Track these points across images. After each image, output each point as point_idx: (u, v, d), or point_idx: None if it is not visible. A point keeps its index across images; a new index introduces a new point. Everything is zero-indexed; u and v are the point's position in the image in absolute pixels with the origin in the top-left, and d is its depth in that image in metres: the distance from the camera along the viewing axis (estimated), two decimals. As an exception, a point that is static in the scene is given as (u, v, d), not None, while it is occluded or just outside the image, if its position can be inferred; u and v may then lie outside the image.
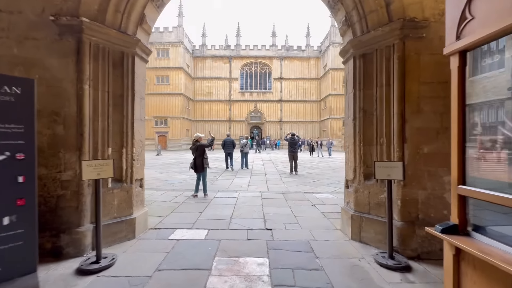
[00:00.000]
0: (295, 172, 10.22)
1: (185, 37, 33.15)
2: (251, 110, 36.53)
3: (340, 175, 9.81)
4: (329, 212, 4.76)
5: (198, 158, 6.10)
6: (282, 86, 36.56)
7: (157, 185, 7.51)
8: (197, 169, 6.12)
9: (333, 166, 13.45)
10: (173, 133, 32.13)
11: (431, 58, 2.94)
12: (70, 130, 2.91)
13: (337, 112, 32.03)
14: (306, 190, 7.07)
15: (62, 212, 2.88)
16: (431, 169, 2.93)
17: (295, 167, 10.33)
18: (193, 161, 6.14)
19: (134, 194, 3.43)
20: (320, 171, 11.23)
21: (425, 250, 2.87)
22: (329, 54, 32.30)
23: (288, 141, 10.49)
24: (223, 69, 36.62)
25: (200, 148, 6.11)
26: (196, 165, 6.10)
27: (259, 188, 7.27)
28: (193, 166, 6.14)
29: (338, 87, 32.04)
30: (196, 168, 6.12)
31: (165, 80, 32.23)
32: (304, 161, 15.98)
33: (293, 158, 10.31)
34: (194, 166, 6.12)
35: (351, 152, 3.54)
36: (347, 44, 3.53)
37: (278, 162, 15.06)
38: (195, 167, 6.13)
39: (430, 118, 2.94)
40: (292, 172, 10.28)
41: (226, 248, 3.13)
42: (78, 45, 2.93)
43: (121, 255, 2.91)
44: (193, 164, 6.13)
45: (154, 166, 12.23)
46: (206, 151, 6.25)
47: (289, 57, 36.60)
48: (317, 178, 9.27)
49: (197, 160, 6.10)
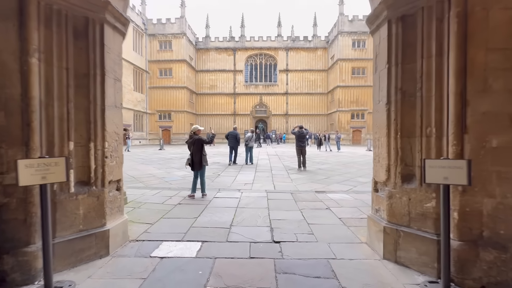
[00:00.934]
0: (304, 168, 9.48)
1: (187, 28, 32.24)
2: (256, 104, 35.66)
3: (353, 172, 9.00)
4: (348, 217, 3.99)
5: (196, 154, 5.35)
6: (288, 78, 35.47)
7: (152, 183, 6.84)
8: (194, 167, 5.39)
9: (343, 161, 12.61)
10: (177, 127, 31.60)
11: (506, 15, 2.10)
12: (13, 119, 2.19)
13: (345, 104, 30.93)
14: (318, 188, 6.30)
15: (6, 226, 2.19)
16: (502, 169, 2.12)
17: (304, 162, 9.59)
18: (190, 157, 5.38)
19: (108, 200, 2.73)
20: (330, 167, 10.43)
21: (493, 280, 2.10)
22: (337, 44, 30.99)
23: (295, 134, 9.72)
24: (227, 61, 35.68)
25: (198, 143, 5.35)
26: (194, 162, 5.37)
27: (265, 186, 6.54)
28: (190, 162, 5.40)
29: (346, 79, 30.85)
30: (194, 166, 5.39)
31: (168, 73, 31.54)
32: (312, 156, 15.15)
33: (301, 153, 9.58)
34: (192, 163, 5.39)
35: (382, 146, 2.74)
36: (380, 5, 2.69)
37: (284, 157, 14.28)
38: (192, 164, 5.40)
39: (502, 99, 2.12)
40: (300, 167, 9.53)
41: (222, 271, 2.41)
42: (21, 4, 2.19)
43: (83, 282, 2.22)
44: (190, 160, 5.39)
45: (153, 162, 11.61)
46: (204, 146, 5.49)
47: (295, 48, 35.36)
48: (328, 174, 8.48)
49: (195, 157, 5.35)
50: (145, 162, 11.45)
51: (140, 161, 12.07)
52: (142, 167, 9.75)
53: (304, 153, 9.66)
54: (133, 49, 27.91)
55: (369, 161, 12.34)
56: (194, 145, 5.33)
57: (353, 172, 8.99)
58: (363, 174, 8.57)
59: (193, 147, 5.32)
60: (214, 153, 16.84)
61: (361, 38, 30.64)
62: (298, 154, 9.68)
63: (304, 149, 9.72)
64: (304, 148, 9.68)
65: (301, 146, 9.59)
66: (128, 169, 9.05)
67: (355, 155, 16.05)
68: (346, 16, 30.59)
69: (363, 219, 3.85)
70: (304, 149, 9.67)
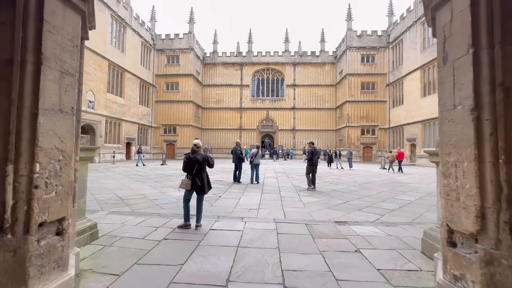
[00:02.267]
0: (313, 186, 8.80)
1: (195, 43, 32.47)
2: (262, 118, 35.00)
3: (373, 195, 7.83)
4: (390, 269, 2.89)
5: (203, 174, 4.42)
6: (296, 93, 34.94)
7: (140, 206, 5.85)
8: (201, 190, 4.40)
9: (359, 181, 11.42)
10: (182, 141, 30.98)
11: None
12: None
13: (354, 120, 29.94)
14: (337, 217, 5.20)
15: None
16: None
17: (313, 180, 8.93)
18: (192, 179, 4.32)
19: (35, 254, 1.76)
20: (346, 188, 9.28)
21: None
22: (346, 59, 30.51)
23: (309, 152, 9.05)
24: (234, 76, 35.57)
25: (204, 161, 4.42)
26: (202, 184, 4.36)
27: (273, 213, 5.48)
28: (192, 185, 4.35)
29: (356, 93, 30.06)
30: (201, 189, 4.38)
31: (175, 87, 31.43)
32: (323, 174, 14.01)
33: (313, 171, 8.94)
34: (199, 186, 4.34)
35: (467, 176, 1.73)
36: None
37: (293, 175, 13.18)
38: (201, 188, 4.37)
39: None
40: (310, 186, 8.82)
41: None
42: None
43: None
44: (191, 183, 4.31)
45: (150, 179, 10.67)
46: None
47: (303, 63, 35.09)
48: (345, 198, 7.35)
49: (201, 178, 4.37)
50: (141, 179, 10.52)
51: (137, 177, 11.16)
52: (136, 186, 8.80)
53: (315, 171, 9.06)
54: (140, 63, 28.00)
55: (388, 182, 11.12)
56: (199, 164, 4.38)
57: (374, 195, 7.84)
58: (385, 197, 7.42)
59: (198, 166, 4.36)
60: (218, 169, 15.87)
61: (370, 53, 30.14)
62: (308, 173, 8.96)
63: (316, 167, 9.11)
64: (316, 167, 9.07)
65: (314, 164, 8.90)
66: (119, 188, 8.13)
67: (369, 173, 14.81)
68: (355, 31, 30.31)
69: (412, 273, 2.76)
70: (316, 167, 9.06)
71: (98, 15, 20.89)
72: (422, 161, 22.52)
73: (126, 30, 25.15)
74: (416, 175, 14.08)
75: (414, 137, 24.08)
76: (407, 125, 25.23)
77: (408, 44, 25.39)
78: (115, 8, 23.10)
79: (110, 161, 21.77)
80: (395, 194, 7.99)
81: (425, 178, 12.87)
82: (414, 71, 24.04)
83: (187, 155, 4.42)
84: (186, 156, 4.42)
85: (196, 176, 4.33)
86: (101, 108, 21.49)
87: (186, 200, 4.38)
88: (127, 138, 25.47)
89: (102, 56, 21.32)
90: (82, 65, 2.59)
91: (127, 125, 25.39)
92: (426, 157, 22.00)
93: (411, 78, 24.71)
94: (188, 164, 4.34)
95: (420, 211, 5.85)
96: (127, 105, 25.36)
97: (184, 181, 4.34)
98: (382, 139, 29.63)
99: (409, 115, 24.89)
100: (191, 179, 4.31)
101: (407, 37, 25.46)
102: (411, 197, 7.54)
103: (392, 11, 29.59)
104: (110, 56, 22.39)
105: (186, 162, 4.35)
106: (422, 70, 23.08)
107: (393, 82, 28.04)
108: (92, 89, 20.36)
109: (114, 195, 6.88)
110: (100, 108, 21.36)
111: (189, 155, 4.40)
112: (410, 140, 24.76)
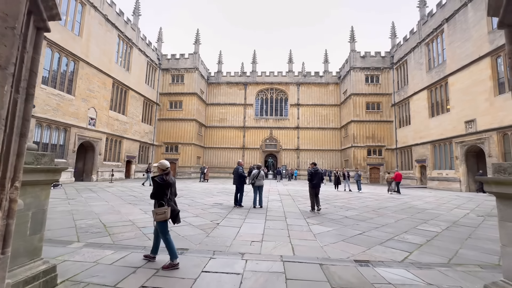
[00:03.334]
0: (318, 208, 8.44)
1: (200, 63, 32.95)
2: (266, 137, 34.49)
3: (391, 223, 6.85)
4: None
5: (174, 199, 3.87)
6: (299, 112, 34.68)
7: (124, 236, 5.02)
8: (176, 219, 3.72)
9: (371, 205, 10.46)
10: (183, 160, 30.34)
11: None
12: None
13: (360, 140, 29.22)
14: (356, 254, 4.34)
15: None
16: None
17: (318, 202, 8.54)
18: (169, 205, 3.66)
19: None
20: (358, 214, 8.36)
21: None
22: (350, 79, 30.48)
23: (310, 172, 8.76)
24: (238, 95, 35.66)
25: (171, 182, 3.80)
26: (177, 212, 3.71)
27: (279, 247, 4.63)
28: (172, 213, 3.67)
29: (361, 113, 29.63)
30: (176, 217, 3.71)
31: (178, 106, 31.42)
32: (331, 197, 13.07)
33: (316, 194, 8.56)
34: (175, 213, 3.69)
35: None
36: None
37: (298, 198, 12.27)
38: (177, 215, 3.72)
39: None
40: (314, 209, 8.44)
41: None
42: None
43: None
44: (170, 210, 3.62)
45: (144, 200, 9.86)
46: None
47: (307, 83, 35.20)
48: (361, 227, 6.46)
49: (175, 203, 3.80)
50: (134, 201, 9.71)
51: (130, 199, 10.36)
52: (126, 209, 7.99)
53: (318, 193, 8.64)
54: (145, 82, 28.21)
55: (404, 207, 10.09)
56: (175, 187, 3.77)
57: (392, 224, 6.92)
58: (406, 227, 6.50)
59: (172, 189, 3.74)
60: (218, 190, 15.03)
61: (374, 73, 30.12)
62: (311, 194, 8.61)
63: (318, 189, 8.66)
64: (318, 188, 8.64)
65: (314, 186, 8.56)
66: (106, 212, 7.34)
67: (380, 197, 13.81)
68: (358, 52, 30.56)
69: None
70: (318, 189, 8.64)
71: (105, 35, 21.32)
72: (434, 184, 21.38)
73: (133, 50, 25.57)
74: (431, 199, 13.05)
75: (423, 158, 23.13)
76: (415, 145, 24.40)
77: (412, 64, 25.28)
78: (122, 29, 23.63)
79: (108, 179, 21.06)
80: (416, 223, 7.06)
81: (442, 202, 11.85)
82: (421, 91, 23.65)
83: (159, 177, 3.72)
84: (159, 178, 3.70)
85: (171, 201, 3.71)
86: (103, 125, 21.18)
87: (165, 233, 3.63)
88: (128, 156, 24.93)
89: (107, 74, 21.41)
90: (37, 61, 1.99)
91: (128, 143, 24.97)
92: (438, 179, 20.91)
93: (417, 98, 24.28)
94: (164, 187, 3.66)
95: (454, 247, 4.95)
96: (129, 122, 25.12)
97: (158, 210, 3.55)
98: (389, 159, 28.66)
99: (417, 136, 24.14)
100: (168, 205, 3.62)
101: (412, 57, 25.41)
102: (436, 227, 6.61)
103: (395, 33, 29.95)
104: (115, 74, 22.51)
105: (161, 184, 3.64)
106: (429, 90, 22.68)
107: (399, 102, 27.63)
108: (95, 106, 20.18)
109: (98, 221, 6.08)
110: (102, 125, 21.06)
111: (162, 177, 3.71)
112: (420, 161, 23.78)
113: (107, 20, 21.41)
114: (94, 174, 20.37)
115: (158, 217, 3.53)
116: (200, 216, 7.26)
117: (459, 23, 19.08)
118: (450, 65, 19.83)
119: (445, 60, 20.70)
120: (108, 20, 21.56)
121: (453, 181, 19.32)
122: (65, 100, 17.46)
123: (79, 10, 18.75)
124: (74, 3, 18.34)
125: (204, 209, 8.48)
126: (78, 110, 18.56)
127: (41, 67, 15.69)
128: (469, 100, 17.89)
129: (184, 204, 9.36)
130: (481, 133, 16.83)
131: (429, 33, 22.55)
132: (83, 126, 18.88)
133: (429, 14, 23.01)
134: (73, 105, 18.11)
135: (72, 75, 18.25)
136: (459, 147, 18.80)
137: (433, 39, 22.39)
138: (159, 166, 3.83)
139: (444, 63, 20.67)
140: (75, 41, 18.14)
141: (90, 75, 19.59)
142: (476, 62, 17.33)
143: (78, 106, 18.52)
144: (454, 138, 19.25)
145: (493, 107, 16.08)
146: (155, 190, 3.66)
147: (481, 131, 16.79)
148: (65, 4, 17.54)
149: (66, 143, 17.72)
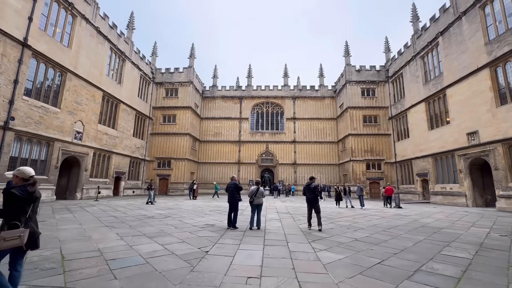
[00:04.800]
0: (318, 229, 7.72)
1: (195, 77, 32.57)
2: (262, 152, 33.60)
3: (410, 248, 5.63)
4: None
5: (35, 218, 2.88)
6: (296, 126, 34.13)
7: (83, 275, 3.87)
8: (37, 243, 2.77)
9: (379, 224, 9.43)
10: (176, 176, 29.06)
11: None
12: None
13: (359, 154, 28.54)
14: (384, 297, 3.32)
15: None
16: None
17: (319, 220, 7.82)
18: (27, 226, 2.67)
19: None
20: (369, 235, 7.34)
21: None
22: (346, 93, 30.30)
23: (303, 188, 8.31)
24: (233, 109, 35.12)
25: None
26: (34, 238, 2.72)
27: (283, 286, 3.58)
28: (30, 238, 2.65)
29: (358, 127, 29.17)
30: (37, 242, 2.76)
31: (172, 119, 30.59)
32: (334, 215, 12.02)
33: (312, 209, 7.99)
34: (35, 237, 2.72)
35: None
36: None
37: (299, 217, 11.17)
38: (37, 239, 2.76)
39: None
40: (310, 226, 8.03)
41: None
42: None
43: None
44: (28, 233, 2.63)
45: (125, 222, 8.66)
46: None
47: (302, 97, 34.97)
48: (376, 252, 5.44)
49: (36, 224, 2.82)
50: (113, 223, 8.50)
51: (110, 220, 9.16)
52: (99, 234, 6.78)
53: (318, 210, 7.87)
54: (138, 95, 27.47)
55: (416, 226, 8.89)
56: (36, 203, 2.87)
57: (412, 248, 5.92)
58: (429, 252, 5.50)
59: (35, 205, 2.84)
60: (211, 209, 13.84)
61: (370, 87, 30.04)
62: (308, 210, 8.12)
63: (316, 204, 7.91)
64: (315, 204, 7.92)
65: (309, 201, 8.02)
66: (74, 239, 6.18)
67: (386, 214, 12.81)
68: (353, 66, 30.62)
69: None
70: (315, 204, 7.91)
71: (97, 47, 20.74)
72: (437, 199, 20.48)
73: (125, 63, 25.02)
74: (440, 216, 12.09)
75: (425, 171, 22.38)
76: (415, 159, 23.73)
77: (408, 77, 25.19)
78: (115, 41, 23.17)
79: (93, 197, 19.64)
80: (439, 247, 6.07)
81: (454, 220, 10.89)
82: (418, 104, 23.35)
83: (20, 188, 2.69)
84: (20, 189, 2.66)
85: (31, 222, 2.70)
86: (90, 139, 20.07)
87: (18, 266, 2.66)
88: (117, 172, 23.60)
89: (97, 86, 20.62)
90: None
91: (118, 158, 23.73)
92: (442, 193, 20.04)
93: (415, 111, 23.94)
94: (25, 202, 2.65)
95: (499, 281, 3.96)
96: (120, 137, 24.03)
97: (8, 234, 2.45)
98: (389, 173, 27.86)
99: (417, 149, 23.54)
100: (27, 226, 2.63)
101: (407, 71, 25.38)
102: (464, 252, 5.62)
103: (389, 47, 30.25)
104: (105, 87, 21.73)
105: (22, 199, 2.62)
106: (427, 103, 22.37)
107: (396, 115, 27.30)
108: (82, 119, 19.17)
109: (57, 252, 4.93)
110: (89, 139, 19.95)
111: (26, 188, 2.70)
112: (421, 175, 23.00)
113: (99, 32, 20.93)
114: (79, 191, 18.98)
115: (7, 243, 2.44)
116: (186, 241, 6.16)
117: (454, 35, 19.09)
118: (448, 77, 19.62)
119: (442, 72, 20.55)
120: (100, 32, 21.09)
121: (458, 195, 18.47)
122: (49, 113, 16.45)
123: (69, 21, 18.24)
124: (64, 14, 17.84)
125: (193, 231, 7.37)
126: (64, 123, 17.51)
127: (24, 77, 14.82)
128: (470, 111, 17.48)
129: (171, 226, 8.22)
130: (485, 145, 16.23)
131: (424, 46, 22.61)
132: (68, 140, 17.75)
133: (422, 28, 23.21)
134: (58, 118, 17.08)
135: (58, 87, 17.38)
136: (463, 160, 18.14)
137: (428, 52, 22.41)
138: (18, 174, 2.76)
139: (441, 75, 20.50)
140: (63, 52, 17.45)
141: (78, 87, 18.75)
142: (474, 73, 17.09)
143: (63, 119, 17.49)
144: (457, 151, 18.63)
145: (495, 119, 15.61)
146: (10, 206, 2.58)
147: (485, 143, 16.20)
148: (54, 15, 17.02)
149: (48, 158, 16.50)
